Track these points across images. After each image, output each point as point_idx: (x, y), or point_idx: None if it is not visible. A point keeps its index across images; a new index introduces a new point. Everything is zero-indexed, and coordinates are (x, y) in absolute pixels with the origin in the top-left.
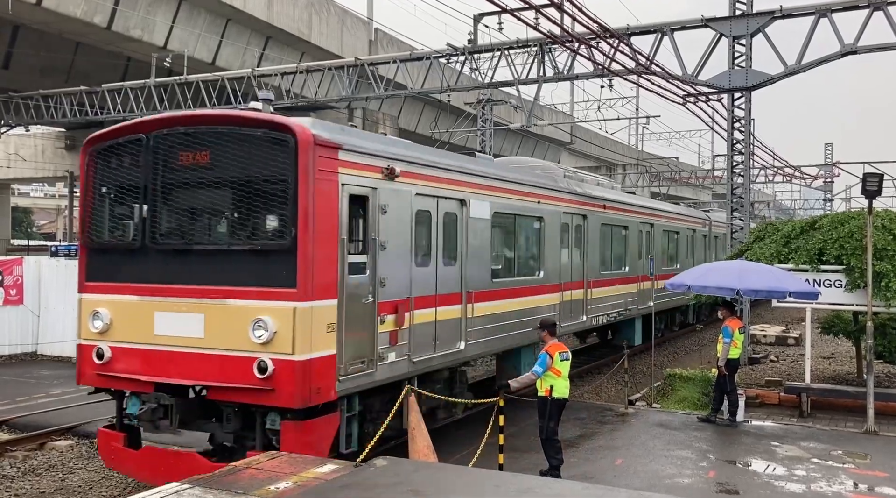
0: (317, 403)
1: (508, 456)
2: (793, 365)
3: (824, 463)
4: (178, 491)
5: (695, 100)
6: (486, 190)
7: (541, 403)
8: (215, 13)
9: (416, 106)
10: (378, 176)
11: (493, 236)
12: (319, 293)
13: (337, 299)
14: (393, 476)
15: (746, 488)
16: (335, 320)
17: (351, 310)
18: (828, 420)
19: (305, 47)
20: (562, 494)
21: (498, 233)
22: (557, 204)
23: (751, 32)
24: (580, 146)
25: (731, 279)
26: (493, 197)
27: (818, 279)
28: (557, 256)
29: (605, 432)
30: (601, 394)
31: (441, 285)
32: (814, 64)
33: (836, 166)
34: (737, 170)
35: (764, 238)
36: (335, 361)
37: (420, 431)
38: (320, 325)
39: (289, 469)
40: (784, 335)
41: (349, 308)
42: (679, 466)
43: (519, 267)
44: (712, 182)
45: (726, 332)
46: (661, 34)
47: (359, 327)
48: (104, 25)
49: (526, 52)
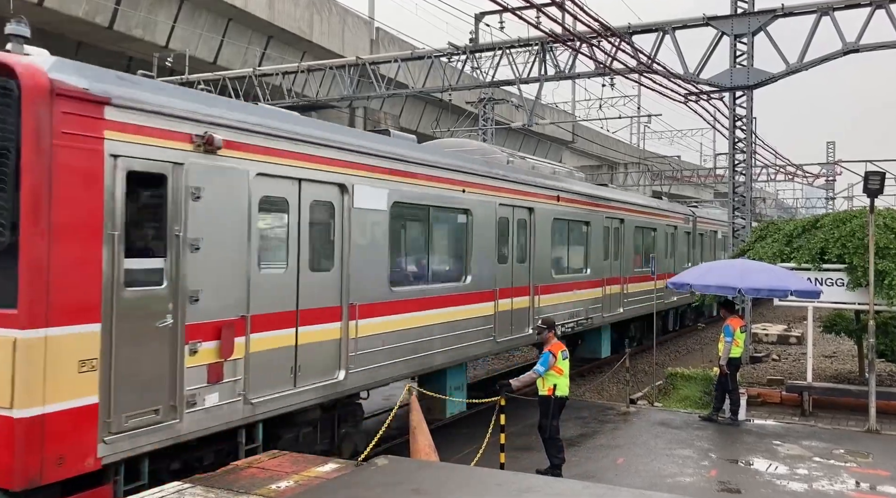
0: (59, 478)
1: (509, 455)
2: (794, 364)
3: (826, 462)
4: (180, 490)
5: (696, 98)
6: (382, 173)
7: (543, 401)
8: (216, 13)
9: (418, 105)
10: (186, 146)
11: (392, 233)
12: (62, 316)
13: (101, 324)
14: (394, 475)
15: (748, 487)
16: (96, 355)
17: (129, 337)
18: (830, 419)
19: (307, 47)
20: (563, 493)
21: (400, 228)
22: (491, 194)
23: (752, 31)
24: (582, 145)
25: (732, 278)
26: (392, 183)
27: (820, 278)
28: (492, 257)
29: (607, 431)
30: (602, 393)
31: (307, 298)
32: (816, 62)
33: (837, 165)
34: (738, 168)
35: (766, 237)
36: (96, 414)
37: (421, 430)
38: (65, 362)
39: (290, 468)
40: (786, 334)
41: (126, 335)
42: (681, 465)
43: (434, 271)
44: (714, 181)
45: (727, 331)
46: (663, 33)
47: (146, 361)
48: (106, 25)
49: (527, 51)
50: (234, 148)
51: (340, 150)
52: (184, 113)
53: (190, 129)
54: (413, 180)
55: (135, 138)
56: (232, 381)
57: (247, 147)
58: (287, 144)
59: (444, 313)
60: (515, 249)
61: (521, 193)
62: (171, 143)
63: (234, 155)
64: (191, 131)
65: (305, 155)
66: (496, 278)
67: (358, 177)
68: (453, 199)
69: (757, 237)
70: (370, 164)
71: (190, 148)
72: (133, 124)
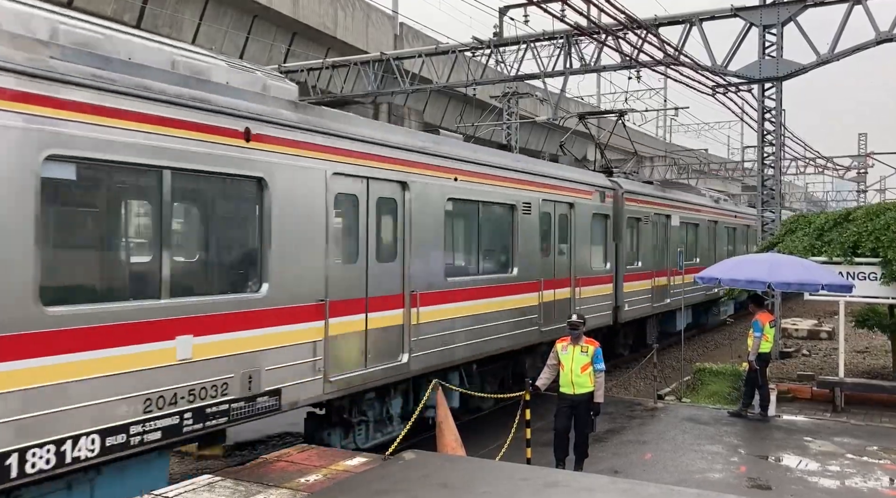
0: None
1: (535, 450)
2: (825, 359)
3: (859, 459)
4: (211, 483)
5: (724, 91)
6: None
7: (588, 398)
8: (242, 10)
9: (442, 100)
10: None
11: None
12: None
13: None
14: (422, 469)
15: (779, 484)
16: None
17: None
18: (862, 415)
19: (331, 43)
20: (590, 487)
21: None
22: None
23: (782, 21)
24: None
25: (761, 272)
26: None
27: (852, 272)
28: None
29: (634, 427)
30: (629, 388)
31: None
32: (848, 52)
33: (869, 157)
34: (767, 161)
35: (796, 231)
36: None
37: (448, 425)
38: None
39: (318, 462)
40: (816, 329)
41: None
42: (709, 460)
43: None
44: (742, 174)
45: (756, 326)
46: (690, 24)
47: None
48: (133, 24)
49: (552, 45)
50: (316, 149)
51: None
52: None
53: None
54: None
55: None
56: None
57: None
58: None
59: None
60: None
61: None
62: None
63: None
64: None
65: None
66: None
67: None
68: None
69: (787, 231)
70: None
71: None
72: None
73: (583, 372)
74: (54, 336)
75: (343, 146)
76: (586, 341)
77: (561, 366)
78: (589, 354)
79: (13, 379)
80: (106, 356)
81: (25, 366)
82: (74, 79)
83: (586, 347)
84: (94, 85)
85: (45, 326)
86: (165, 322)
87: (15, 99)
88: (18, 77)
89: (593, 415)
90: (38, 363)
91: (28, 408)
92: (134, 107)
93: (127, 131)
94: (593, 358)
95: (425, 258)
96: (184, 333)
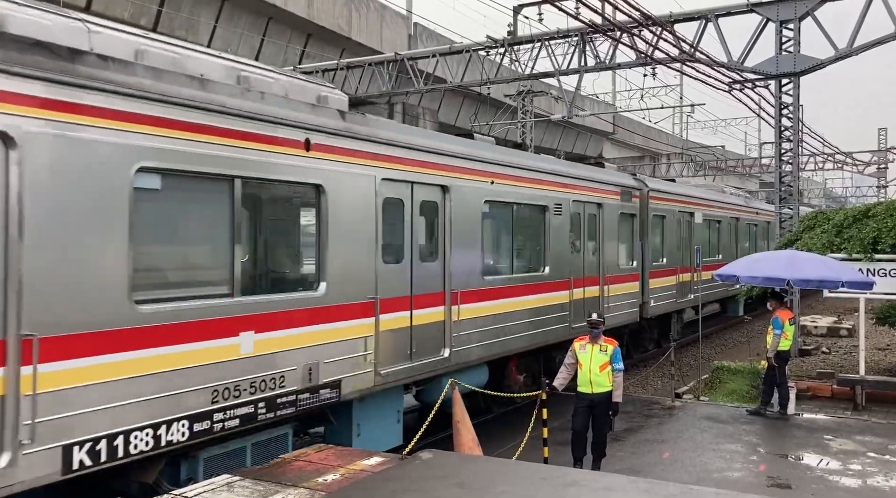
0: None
1: (552, 449)
2: (845, 357)
3: (881, 457)
4: (230, 483)
5: (741, 87)
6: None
7: (606, 398)
8: (257, 12)
9: (456, 99)
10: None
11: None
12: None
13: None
14: (439, 469)
15: (799, 483)
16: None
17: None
18: (884, 413)
19: (345, 43)
20: (609, 486)
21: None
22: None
23: (799, 16)
24: (623, 136)
25: (780, 269)
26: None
27: (872, 269)
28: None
29: (652, 426)
30: (647, 387)
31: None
32: (867, 47)
33: (890, 152)
34: (785, 158)
35: (814, 227)
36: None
37: (465, 425)
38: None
39: (336, 461)
40: (836, 326)
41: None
42: (728, 459)
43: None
44: (759, 171)
45: (776, 323)
46: (706, 20)
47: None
48: (150, 27)
49: (567, 43)
50: (367, 157)
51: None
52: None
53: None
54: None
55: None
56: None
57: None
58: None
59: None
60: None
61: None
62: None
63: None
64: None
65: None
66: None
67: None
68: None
69: (805, 227)
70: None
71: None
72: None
73: (601, 371)
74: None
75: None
76: (605, 340)
77: (579, 365)
78: (608, 353)
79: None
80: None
81: (478, 305)
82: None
83: (605, 346)
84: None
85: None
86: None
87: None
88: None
89: (611, 414)
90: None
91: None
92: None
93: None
94: (612, 357)
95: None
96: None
